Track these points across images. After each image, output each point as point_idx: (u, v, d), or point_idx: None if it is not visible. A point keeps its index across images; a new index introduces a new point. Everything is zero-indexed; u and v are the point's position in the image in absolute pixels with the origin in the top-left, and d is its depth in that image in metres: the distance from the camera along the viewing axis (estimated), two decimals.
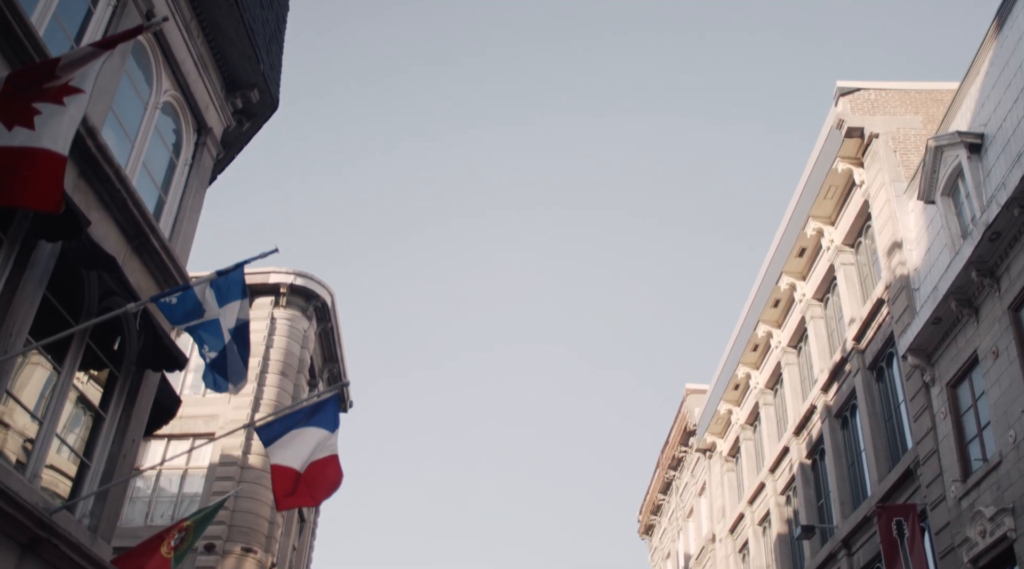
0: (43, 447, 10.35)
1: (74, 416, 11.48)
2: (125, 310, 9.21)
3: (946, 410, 15.69)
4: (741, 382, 28.53)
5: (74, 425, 11.55)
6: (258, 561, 24.62)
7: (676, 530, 37.41)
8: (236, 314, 9.11)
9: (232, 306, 9.06)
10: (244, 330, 9.21)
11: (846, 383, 20.96)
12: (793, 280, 23.94)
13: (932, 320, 15.67)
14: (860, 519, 19.12)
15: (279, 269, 28.66)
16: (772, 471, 25.66)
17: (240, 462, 25.49)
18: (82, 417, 11.64)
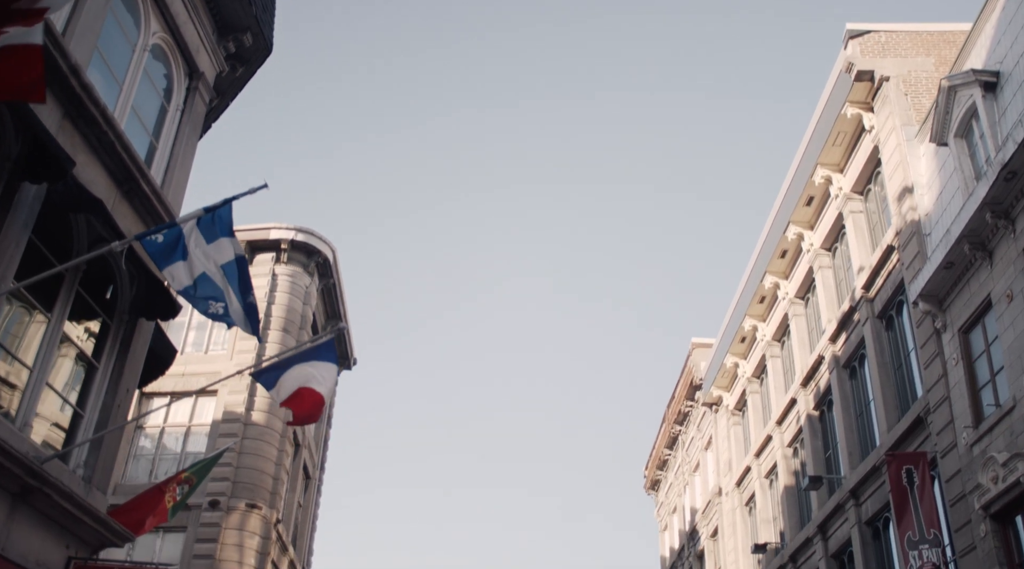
0: (33, 396, 10.10)
1: (66, 366, 11.23)
2: (111, 248, 8.89)
3: (958, 356, 15.38)
4: (748, 335, 28.25)
5: (66, 375, 11.29)
6: (263, 517, 24.56)
7: (682, 485, 37.37)
8: (227, 250, 8.77)
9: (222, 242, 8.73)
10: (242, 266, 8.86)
11: (855, 333, 20.65)
12: (801, 229, 23.55)
13: (944, 265, 15.31)
14: (868, 469, 18.91)
15: (280, 225, 28.35)
16: (779, 423, 25.45)
17: (243, 418, 25.36)
18: (74, 367, 11.39)
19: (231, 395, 25.77)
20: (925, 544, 15.10)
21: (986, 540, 14.07)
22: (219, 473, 24.46)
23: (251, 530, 24.16)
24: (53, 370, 10.77)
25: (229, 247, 8.80)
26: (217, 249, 8.72)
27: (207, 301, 8.81)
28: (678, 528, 38.18)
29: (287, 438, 26.38)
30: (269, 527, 24.74)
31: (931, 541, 15.09)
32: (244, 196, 8.63)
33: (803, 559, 23.03)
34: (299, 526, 29.92)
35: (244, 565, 23.69)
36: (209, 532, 23.68)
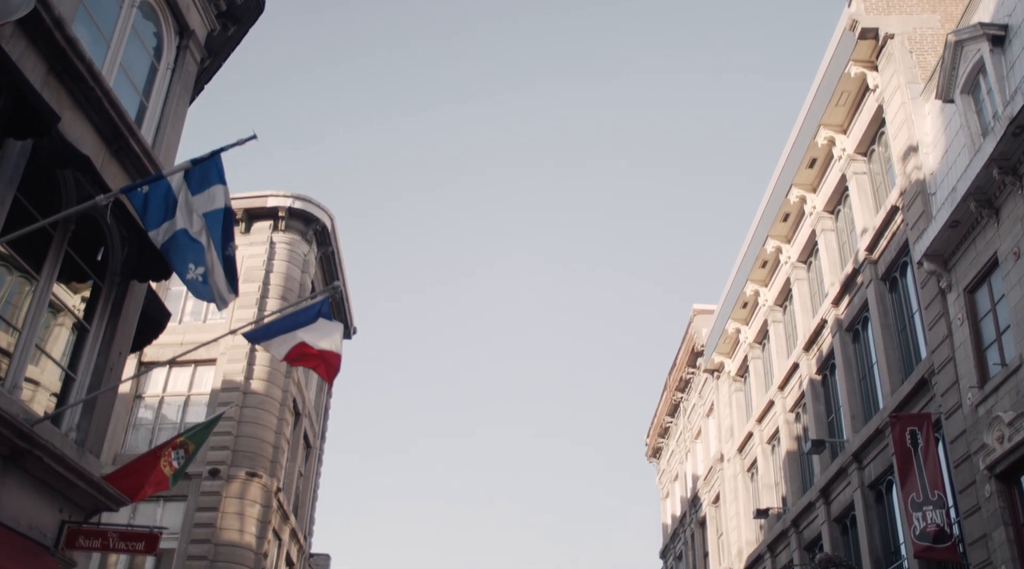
0: (22, 358, 9.92)
1: (56, 328, 11.04)
2: (95, 202, 8.64)
3: (963, 316, 15.17)
4: (750, 300, 28.04)
5: (57, 338, 11.11)
6: (263, 485, 24.49)
7: (684, 452, 37.32)
8: (214, 199, 8.52)
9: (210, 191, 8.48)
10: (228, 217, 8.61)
11: (858, 295, 20.44)
12: (803, 192, 23.28)
13: (950, 223, 15.07)
14: (872, 432, 18.77)
15: (277, 192, 28.09)
16: (781, 388, 25.31)
17: (242, 387, 25.23)
18: (65, 330, 11.20)
19: (230, 364, 25.65)
20: (929, 506, 14.97)
21: (991, 500, 13.94)
22: (219, 442, 24.37)
23: (252, 499, 24.10)
24: (43, 333, 10.59)
25: (216, 196, 8.55)
26: (203, 199, 8.48)
27: (187, 264, 8.57)
28: (680, 495, 38.19)
29: (287, 407, 26.28)
30: (270, 496, 24.68)
31: (935, 502, 14.97)
32: (233, 147, 8.39)
33: (805, 524, 22.97)
34: (300, 495, 29.89)
35: (245, 533, 23.65)
36: (210, 501, 23.62)
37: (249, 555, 23.56)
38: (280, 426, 25.75)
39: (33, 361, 10.44)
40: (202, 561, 22.76)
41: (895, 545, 18.48)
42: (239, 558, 23.28)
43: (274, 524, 25.20)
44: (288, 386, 26.28)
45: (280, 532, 26.41)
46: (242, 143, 8.44)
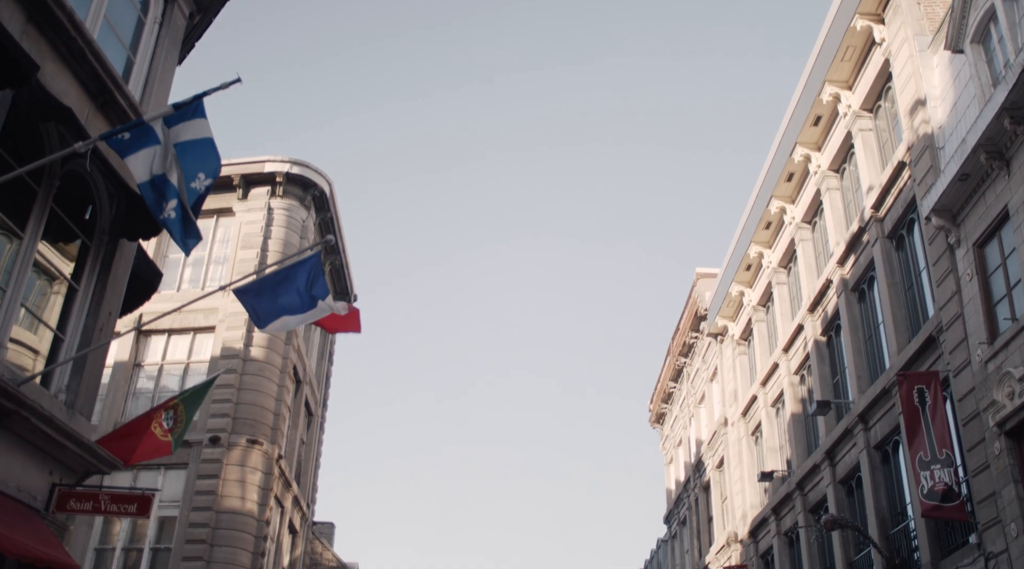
0: (7, 318, 9.65)
1: (44, 288, 10.77)
2: (74, 149, 8.32)
3: (972, 271, 14.86)
4: (753, 262, 27.72)
5: (45, 298, 10.84)
6: (264, 453, 24.33)
7: (688, 417, 37.16)
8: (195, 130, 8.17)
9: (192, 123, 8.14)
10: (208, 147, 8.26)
11: (863, 254, 20.12)
12: (808, 151, 22.89)
13: (959, 177, 14.72)
14: (878, 392, 18.53)
15: (274, 158, 27.72)
16: (786, 351, 25.05)
17: (242, 354, 25.01)
18: (53, 289, 10.93)
19: (229, 331, 25.41)
20: (937, 464, 14.75)
21: (1000, 458, 13.70)
22: (219, 409, 24.20)
23: (253, 466, 23.94)
24: (29, 293, 10.32)
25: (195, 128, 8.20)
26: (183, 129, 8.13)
27: (161, 203, 8.24)
28: (683, 460, 38.08)
29: (287, 374, 26.06)
30: (271, 463, 24.52)
31: (943, 461, 14.74)
32: (216, 91, 8.06)
33: (810, 486, 22.79)
34: (302, 463, 29.76)
35: (247, 501, 23.52)
36: (210, 468, 23.46)
37: (251, 522, 23.44)
38: (280, 393, 25.56)
39: (20, 323, 10.18)
40: (204, 528, 22.65)
41: (901, 506, 18.29)
42: (241, 525, 23.16)
43: (276, 491, 25.07)
44: (288, 353, 26.06)
45: (282, 499, 26.30)
46: (226, 87, 8.10)
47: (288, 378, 26.28)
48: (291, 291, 10.15)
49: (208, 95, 8.08)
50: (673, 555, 39.21)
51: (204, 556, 22.36)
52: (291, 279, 10.25)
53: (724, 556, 29.69)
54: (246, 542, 23.17)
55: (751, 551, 27.34)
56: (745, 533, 27.77)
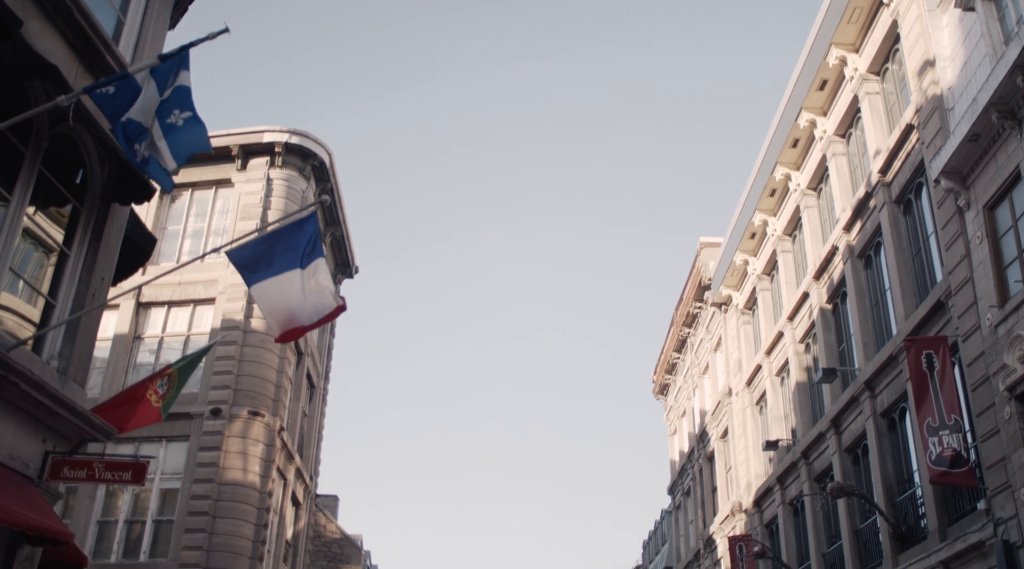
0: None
1: (33, 253, 10.53)
2: (56, 103, 8.06)
3: (982, 234, 14.58)
4: (758, 230, 27.43)
5: (35, 263, 10.61)
6: (266, 425, 24.19)
7: (691, 388, 37.00)
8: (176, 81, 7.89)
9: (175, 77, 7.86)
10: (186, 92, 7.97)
11: (870, 220, 19.83)
12: (813, 116, 22.54)
13: (969, 137, 14.40)
14: (885, 358, 18.31)
15: (273, 127, 27.41)
16: (791, 319, 24.81)
17: (242, 326, 24.83)
18: (44, 255, 10.69)
19: (229, 303, 25.21)
20: (945, 430, 14.53)
21: (1010, 422, 13.49)
22: (220, 381, 24.05)
23: (254, 438, 23.82)
24: (19, 258, 10.08)
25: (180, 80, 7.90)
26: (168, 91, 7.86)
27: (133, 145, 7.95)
28: (687, 431, 37.97)
29: (288, 346, 25.87)
30: (273, 435, 24.39)
31: (952, 427, 14.52)
32: (202, 42, 7.77)
33: (815, 454, 22.63)
34: (305, 435, 29.64)
35: (248, 472, 23.41)
36: (212, 440, 23.34)
37: (253, 494, 23.34)
38: (282, 365, 25.39)
39: (10, 289, 9.95)
40: (206, 501, 22.55)
41: (908, 473, 18.12)
42: (243, 497, 23.07)
43: (278, 463, 24.95)
44: None
45: (285, 471, 26.19)
46: (213, 37, 7.81)
47: (289, 350, 26.10)
48: (285, 251, 9.90)
49: (196, 46, 7.80)
50: (677, 526, 39.19)
51: (206, 528, 22.28)
52: (286, 239, 10.01)
53: (728, 526, 29.61)
54: (248, 514, 23.09)
55: (755, 521, 27.25)
56: (749, 503, 27.66)
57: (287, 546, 27.48)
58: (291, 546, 28.01)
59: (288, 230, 10.11)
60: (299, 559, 28.63)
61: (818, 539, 22.42)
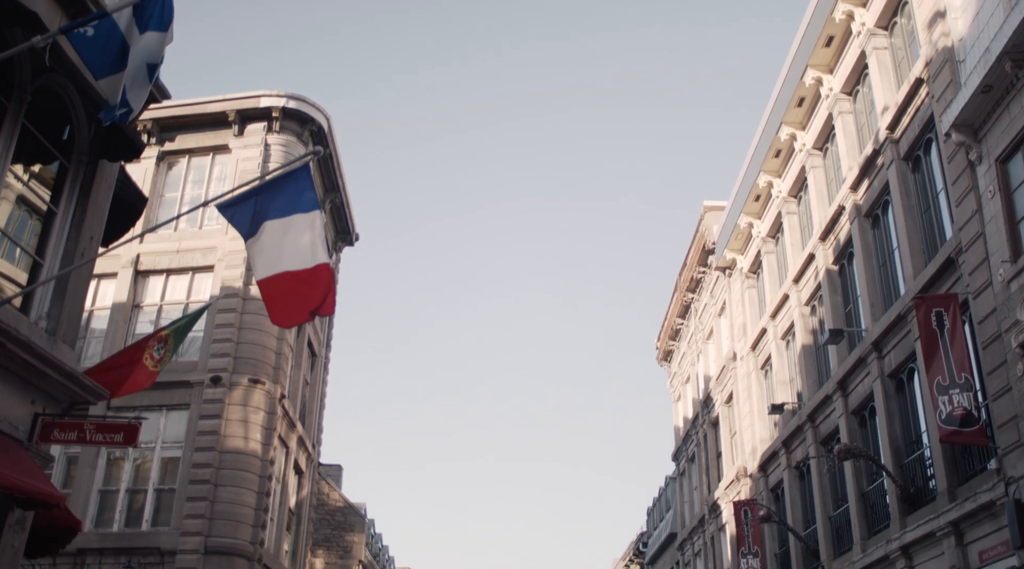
0: None
1: (19, 211, 10.22)
2: (32, 44, 7.71)
3: (995, 188, 14.23)
4: (763, 192, 27.04)
5: (21, 222, 10.30)
6: (267, 392, 23.99)
7: (695, 353, 36.77)
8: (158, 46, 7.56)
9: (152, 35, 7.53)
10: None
11: (878, 178, 19.47)
12: (819, 74, 22.09)
13: (981, 88, 14.01)
14: (892, 319, 18.02)
15: (270, 92, 26.99)
16: (796, 281, 24.49)
17: (241, 293, 24.56)
18: (30, 213, 10.38)
19: (228, 270, 24.93)
20: (956, 389, 14.25)
21: (1023, 379, 13.21)
22: (219, 349, 23.82)
23: (255, 405, 23.62)
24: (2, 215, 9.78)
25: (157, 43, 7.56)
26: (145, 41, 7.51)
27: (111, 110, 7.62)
28: (691, 397, 37.78)
29: None
30: (274, 402, 24.19)
31: (962, 386, 14.24)
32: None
33: (821, 418, 22.40)
34: (307, 403, 29.46)
35: (250, 440, 23.23)
36: (212, 408, 23.15)
37: (255, 462, 23.18)
38: (282, 332, 25.11)
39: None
40: (207, 469, 22.40)
41: (916, 434, 17.89)
42: (244, 465, 22.90)
43: (280, 431, 24.77)
44: None
45: (287, 439, 26.03)
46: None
47: None
48: (275, 198, 9.59)
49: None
50: (682, 492, 39.11)
51: (208, 496, 22.13)
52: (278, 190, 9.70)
53: (733, 491, 29.47)
54: (250, 482, 22.93)
55: (761, 485, 27.09)
56: (755, 467, 27.49)
57: (290, 514, 27.38)
58: (294, 514, 27.92)
59: (280, 181, 9.79)
60: (303, 527, 28.54)
61: (824, 502, 22.24)
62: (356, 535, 37.43)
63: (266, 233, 9.50)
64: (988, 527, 14.36)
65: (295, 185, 9.69)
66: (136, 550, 21.53)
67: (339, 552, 36.87)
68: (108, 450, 23.07)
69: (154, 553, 21.56)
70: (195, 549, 21.49)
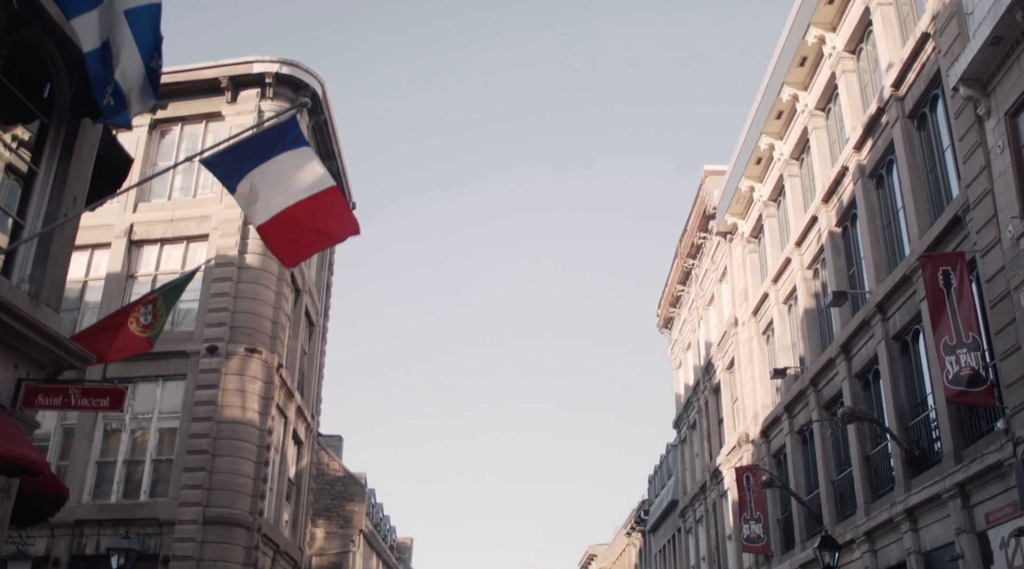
0: None
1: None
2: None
3: (1004, 142, 13.88)
4: (764, 155, 26.65)
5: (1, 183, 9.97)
6: (264, 362, 23.74)
7: (696, 320, 36.51)
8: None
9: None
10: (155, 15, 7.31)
11: (882, 137, 19.09)
12: (822, 32, 21.66)
13: (991, 40, 13.62)
14: (897, 279, 17.72)
15: (263, 58, 26.52)
16: (798, 245, 24.17)
17: (236, 262, 24.26)
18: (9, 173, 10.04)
19: (223, 239, 24.61)
20: (963, 348, 13.98)
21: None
22: (215, 318, 23.55)
23: (252, 375, 23.39)
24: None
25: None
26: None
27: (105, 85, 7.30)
28: (692, 364, 37.58)
29: (284, 281, 25.33)
30: (271, 372, 23.95)
31: (969, 345, 13.97)
32: None
33: (824, 382, 22.17)
34: (305, 373, 29.24)
35: (247, 410, 23.02)
36: (209, 378, 22.92)
37: (253, 431, 22.98)
38: (278, 301, 24.85)
39: None
40: (204, 439, 22.20)
41: (921, 396, 17.65)
42: (242, 435, 22.71)
43: (278, 400, 24.56)
44: None
45: (285, 409, 25.82)
46: None
47: (286, 285, 25.57)
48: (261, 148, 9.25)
49: None
50: (683, 459, 39.00)
51: (206, 466, 21.95)
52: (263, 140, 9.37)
53: (735, 457, 29.32)
54: (248, 452, 22.74)
55: (763, 451, 26.92)
56: (757, 433, 27.31)
57: (290, 484, 27.24)
58: (294, 484, 27.78)
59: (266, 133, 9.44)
60: (302, 497, 28.42)
61: (827, 467, 22.05)
62: (357, 505, 37.35)
63: (255, 180, 9.17)
64: (995, 488, 14.14)
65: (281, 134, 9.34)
66: (134, 521, 21.38)
67: (340, 522, 36.81)
68: (105, 421, 22.89)
69: (153, 524, 21.42)
70: (194, 519, 21.34)
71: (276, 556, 24.71)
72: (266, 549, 23.59)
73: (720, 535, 31.82)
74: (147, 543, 20.95)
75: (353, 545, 37.04)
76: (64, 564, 21.15)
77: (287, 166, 9.35)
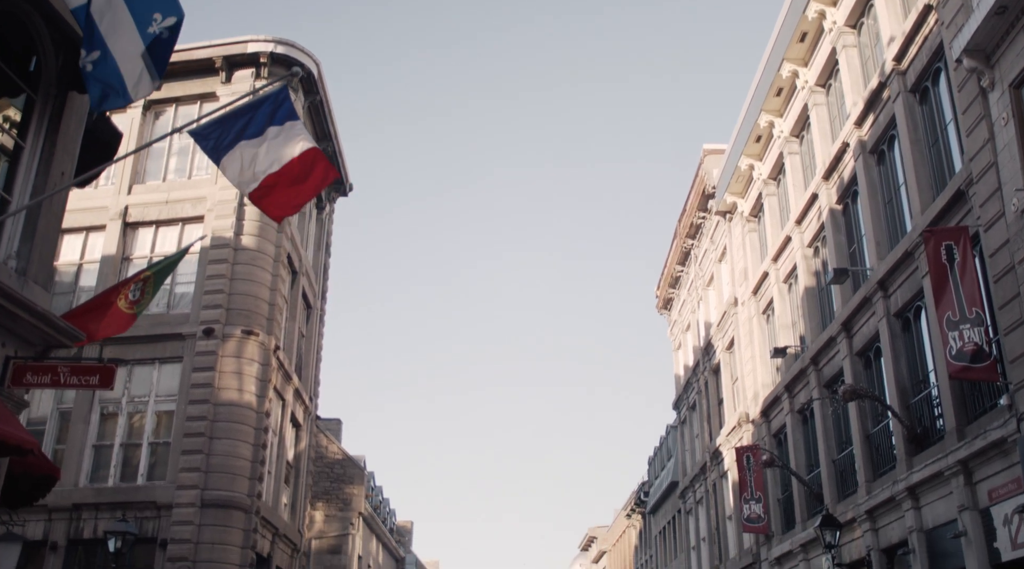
0: None
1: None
2: None
3: (1008, 114, 13.66)
4: (764, 133, 26.42)
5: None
6: (260, 343, 23.58)
7: (696, 300, 36.35)
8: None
9: None
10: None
11: (884, 112, 18.87)
12: (822, 6, 21.39)
13: (995, 10, 13.38)
14: (899, 256, 17.54)
15: (257, 37, 26.25)
16: (799, 223, 23.97)
17: (232, 243, 24.05)
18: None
19: (218, 220, 24.40)
20: (966, 324, 13.81)
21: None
22: (212, 300, 23.37)
23: (249, 357, 23.22)
24: None
25: None
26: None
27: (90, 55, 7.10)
28: (692, 344, 37.44)
29: (281, 263, 25.13)
30: (268, 354, 23.79)
31: (973, 320, 13.80)
32: None
33: (825, 360, 22.02)
34: (303, 356, 29.09)
35: (244, 392, 22.88)
36: (206, 360, 22.76)
37: (250, 414, 22.84)
38: (275, 283, 24.66)
39: None
40: (202, 422, 22.06)
41: (923, 374, 17.49)
42: (239, 417, 22.57)
43: (275, 383, 24.41)
44: (281, 241, 25.08)
45: (282, 392, 25.68)
46: None
47: (282, 267, 25.38)
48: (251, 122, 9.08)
49: None
50: (683, 440, 38.92)
51: (204, 449, 21.82)
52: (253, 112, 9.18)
53: (735, 437, 29.22)
54: (246, 434, 22.61)
55: (763, 430, 26.80)
56: (757, 413, 27.19)
57: (288, 467, 27.14)
58: (292, 467, 27.67)
59: (256, 106, 9.25)
60: (301, 480, 28.32)
61: (828, 446, 21.93)
62: (356, 487, 37.27)
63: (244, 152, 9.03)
64: (998, 465, 14.00)
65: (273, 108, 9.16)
66: (132, 504, 21.25)
67: (339, 505, 36.74)
68: (101, 404, 22.75)
69: (150, 507, 21.30)
70: (191, 502, 21.22)
71: (275, 539, 24.62)
72: (265, 532, 23.49)
73: (720, 516, 31.76)
74: (145, 526, 20.84)
75: (352, 528, 36.98)
76: (62, 548, 21.05)
77: (278, 139, 9.22)
